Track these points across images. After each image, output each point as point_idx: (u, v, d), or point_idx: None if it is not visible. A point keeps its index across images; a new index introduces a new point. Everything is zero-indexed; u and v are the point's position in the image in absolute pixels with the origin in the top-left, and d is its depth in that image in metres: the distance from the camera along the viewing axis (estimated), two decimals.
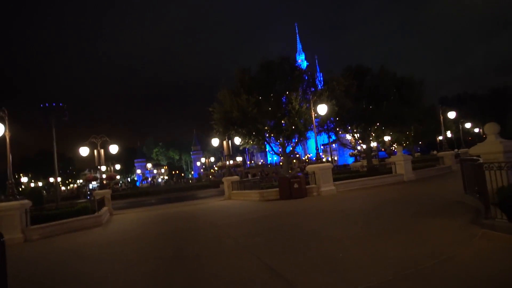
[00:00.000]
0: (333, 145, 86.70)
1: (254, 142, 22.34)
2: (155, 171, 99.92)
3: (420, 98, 24.91)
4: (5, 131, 13.13)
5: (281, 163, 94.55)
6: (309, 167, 18.24)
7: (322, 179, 17.37)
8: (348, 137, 30.80)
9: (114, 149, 21.69)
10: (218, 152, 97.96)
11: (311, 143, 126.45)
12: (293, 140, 22.76)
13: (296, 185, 16.90)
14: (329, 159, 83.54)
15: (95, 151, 20.91)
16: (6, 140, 13.29)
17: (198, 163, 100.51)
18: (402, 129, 26.17)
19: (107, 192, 21.06)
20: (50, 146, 26.28)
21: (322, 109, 17.44)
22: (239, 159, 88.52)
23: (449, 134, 47.65)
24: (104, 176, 22.98)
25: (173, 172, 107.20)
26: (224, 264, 6.49)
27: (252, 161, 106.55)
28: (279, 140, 22.54)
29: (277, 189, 17.99)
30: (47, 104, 21.37)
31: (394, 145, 47.34)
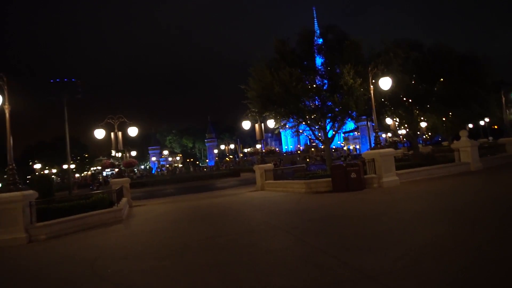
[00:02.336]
0: (354, 132, 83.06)
1: (294, 124, 19.36)
2: (170, 159, 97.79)
3: (485, 76, 21.46)
4: (3, 103, 10.50)
5: (298, 152, 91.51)
6: (367, 153, 15.25)
7: (383, 168, 14.39)
8: (389, 121, 27.43)
9: (133, 131, 19.02)
10: (232, 139, 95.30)
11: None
12: (336, 124, 19.69)
13: (353, 175, 13.97)
14: (351, 148, 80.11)
15: (112, 134, 18.28)
16: (5, 114, 10.68)
17: (216, 151, 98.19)
18: (461, 110, 22.81)
19: (125, 181, 18.49)
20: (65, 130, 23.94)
21: (385, 83, 14.35)
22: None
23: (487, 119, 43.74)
24: (122, 162, 20.38)
25: (187, 160, 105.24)
26: None
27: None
28: (320, 123, 19.52)
29: (328, 179, 15.10)
30: (58, 80, 18.80)
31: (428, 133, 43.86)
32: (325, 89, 18.13)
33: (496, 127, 54.59)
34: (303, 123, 19.25)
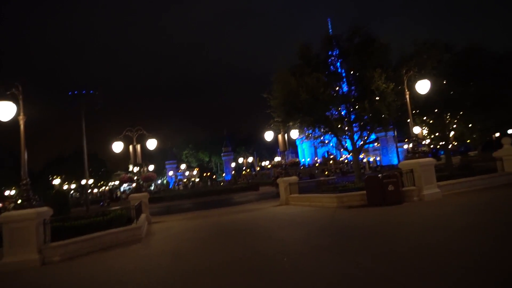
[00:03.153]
0: (374, 144, 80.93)
1: (320, 134, 18.22)
2: (187, 173, 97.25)
3: None
4: (18, 113, 9.86)
5: (316, 165, 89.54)
6: (405, 163, 13.99)
7: (423, 179, 13.11)
8: (416, 129, 25.96)
9: (152, 144, 18.30)
10: (249, 152, 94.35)
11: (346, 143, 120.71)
12: (364, 134, 18.49)
13: (390, 187, 12.75)
14: (370, 159, 77.96)
15: (130, 147, 17.59)
16: (20, 125, 10.03)
17: (233, 164, 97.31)
18: (499, 113, 21.19)
19: (144, 196, 17.68)
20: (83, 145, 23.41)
21: (423, 86, 13.19)
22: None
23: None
24: (141, 176, 19.64)
25: (204, 174, 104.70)
26: None
27: (283, 161, 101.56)
28: (347, 132, 18.36)
29: (361, 192, 13.92)
30: (76, 92, 18.35)
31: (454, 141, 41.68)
32: (353, 95, 16.98)
33: None
34: (330, 132, 18.09)
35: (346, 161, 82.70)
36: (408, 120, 14.77)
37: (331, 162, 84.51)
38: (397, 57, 18.33)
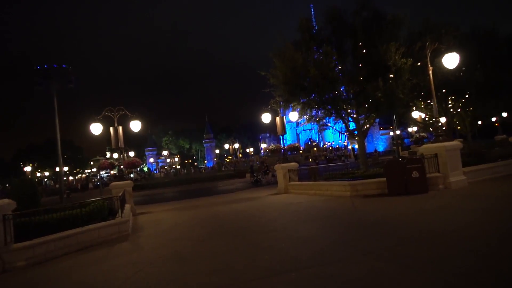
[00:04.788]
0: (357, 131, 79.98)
1: (322, 116, 16.46)
2: (168, 160, 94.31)
3: None
4: None
5: (300, 151, 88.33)
6: (428, 147, 12.47)
7: (449, 165, 11.66)
8: (415, 114, 24.70)
9: (136, 126, 16.10)
10: (230, 139, 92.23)
11: (328, 130, 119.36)
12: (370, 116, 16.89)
13: (415, 174, 11.24)
14: (355, 146, 77.03)
15: (111, 129, 15.40)
16: None
17: (217, 151, 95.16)
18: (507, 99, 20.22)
19: (128, 184, 15.64)
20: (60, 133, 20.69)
21: (451, 60, 11.61)
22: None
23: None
24: (123, 162, 17.44)
25: (185, 162, 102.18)
26: None
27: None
28: (352, 114, 16.73)
29: (377, 179, 12.39)
30: (45, 66, 15.81)
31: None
32: (362, 73, 15.23)
33: None
34: (335, 114, 16.34)
35: (331, 148, 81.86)
36: (430, 102, 13.26)
37: (314, 149, 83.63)
38: (406, 34, 16.73)
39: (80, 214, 9.34)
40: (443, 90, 19.32)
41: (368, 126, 17.29)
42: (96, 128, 15.44)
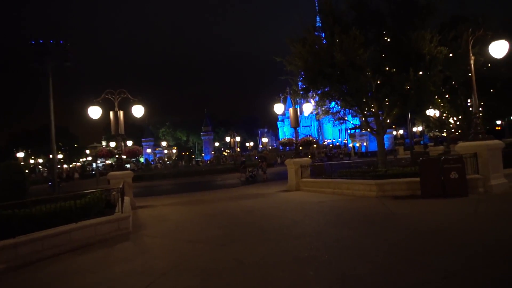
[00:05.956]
0: (360, 129, 78.89)
1: (340, 108, 15.10)
2: (166, 151, 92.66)
3: None
4: None
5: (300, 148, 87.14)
6: (465, 146, 11.21)
7: (491, 166, 10.43)
8: (430, 111, 23.40)
9: (138, 111, 14.69)
10: (227, 133, 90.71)
11: (327, 127, 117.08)
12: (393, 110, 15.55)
13: (453, 175, 9.99)
14: (357, 145, 76.00)
15: (111, 114, 14.00)
16: None
17: (217, 144, 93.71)
18: None
19: (128, 175, 14.29)
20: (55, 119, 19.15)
21: (500, 48, 10.33)
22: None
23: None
24: (124, 150, 16.06)
25: (183, 154, 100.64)
26: None
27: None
28: (372, 108, 15.42)
29: (407, 179, 11.13)
30: (41, 41, 14.27)
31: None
32: (389, 63, 13.88)
33: None
34: (357, 107, 14.96)
35: (331, 145, 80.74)
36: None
37: (314, 146, 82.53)
38: (438, 23, 15.38)
39: (74, 207, 8.00)
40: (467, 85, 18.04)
41: (389, 121, 16.00)
42: (94, 112, 14.01)
